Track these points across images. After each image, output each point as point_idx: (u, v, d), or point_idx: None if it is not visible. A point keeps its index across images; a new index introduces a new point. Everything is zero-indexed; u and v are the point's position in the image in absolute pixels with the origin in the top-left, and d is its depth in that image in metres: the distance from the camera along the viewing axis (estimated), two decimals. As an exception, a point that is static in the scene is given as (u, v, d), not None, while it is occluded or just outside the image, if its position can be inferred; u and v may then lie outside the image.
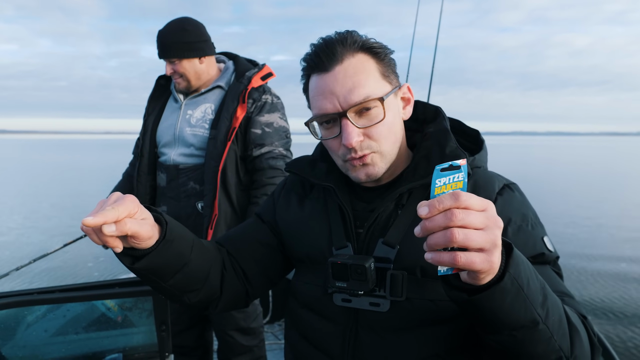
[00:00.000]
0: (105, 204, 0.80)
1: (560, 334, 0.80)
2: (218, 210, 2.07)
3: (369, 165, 0.99)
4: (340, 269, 0.94)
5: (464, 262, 0.66)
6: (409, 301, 0.94)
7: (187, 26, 2.10)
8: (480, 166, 1.05)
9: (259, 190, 2.12)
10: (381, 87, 0.97)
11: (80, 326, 1.10)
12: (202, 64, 2.14)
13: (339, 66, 0.95)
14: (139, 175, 2.25)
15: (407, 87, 1.05)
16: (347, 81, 0.94)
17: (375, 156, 0.99)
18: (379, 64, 0.98)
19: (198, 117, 2.15)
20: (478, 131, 1.11)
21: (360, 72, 0.95)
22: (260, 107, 2.12)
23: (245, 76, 2.14)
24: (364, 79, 0.95)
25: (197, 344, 2.34)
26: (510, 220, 0.96)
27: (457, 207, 0.67)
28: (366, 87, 0.95)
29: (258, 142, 2.11)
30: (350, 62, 0.95)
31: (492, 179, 1.02)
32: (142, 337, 1.10)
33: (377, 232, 1.00)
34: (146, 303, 1.05)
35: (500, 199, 0.98)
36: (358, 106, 0.94)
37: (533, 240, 0.96)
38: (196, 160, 2.14)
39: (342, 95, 0.94)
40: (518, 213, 0.98)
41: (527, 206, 1.02)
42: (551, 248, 0.98)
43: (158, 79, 2.32)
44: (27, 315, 1.07)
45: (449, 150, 1.00)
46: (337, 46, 0.95)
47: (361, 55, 0.97)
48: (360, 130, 0.96)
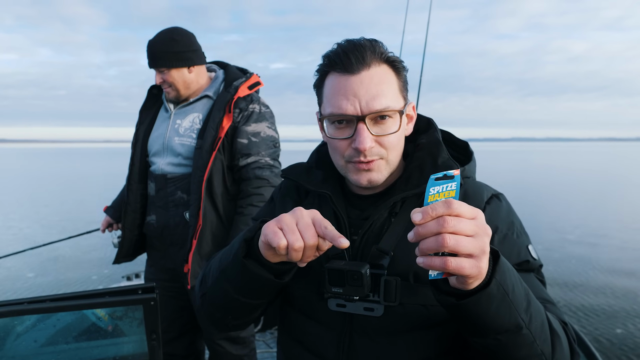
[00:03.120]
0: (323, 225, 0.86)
1: (542, 338, 0.84)
2: (203, 221, 2.07)
3: (373, 172, 1.01)
4: (337, 274, 0.96)
5: (454, 267, 0.70)
6: (402, 306, 0.96)
7: (176, 36, 2.11)
8: (469, 176, 1.08)
9: (244, 200, 2.12)
10: (399, 101, 1.01)
11: (70, 336, 1.10)
12: (191, 73, 2.16)
13: (366, 71, 0.97)
14: (130, 184, 2.26)
15: (412, 106, 1.08)
16: (372, 88, 0.97)
17: (382, 163, 1.02)
18: (399, 78, 1.02)
19: (186, 127, 2.16)
20: (467, 143, 1.15)
21: (385, 82, 0.98)
22: (247, 116, 2.14)
23: (233, 86, 2.15)
24: (387, 89, 0.98)
25: (188, 352, 2.34)
26: (497, 229, 0.99)
27: (449, 214, 0.70)
28: (388, 97, 0.98)
29: (244, 152, 2.12)
30: (376, 70, 0.98)
31: (481, 189, 1.06)
32: (133, 346, 1.10)
33: (372, 239, 1.02)
34: (136, 312, 1.06)
35: (489, 208, 1.01)
36: (377, 113, 0.97)
37: (518, 248, 1.00)
38: (184, 170, 2.15)
39: (364, 100, 0.96)
40: (505, 222, 1.01)
41: (513, 215, 1.05)
42: (535, 256, 1.02)
43: (150, 88, 2.33)
44: (17, 326, 1.07)
45: (441, 161, 1.04)
46: (368, 51, 0.97)
47: (385, 66, 1.00)
48: (373, 137, 0.98)
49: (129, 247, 2.31)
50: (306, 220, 0.86)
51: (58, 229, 10.82)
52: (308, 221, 0.86)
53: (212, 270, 1.06)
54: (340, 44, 1.01)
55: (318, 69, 1.05)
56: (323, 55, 1.03)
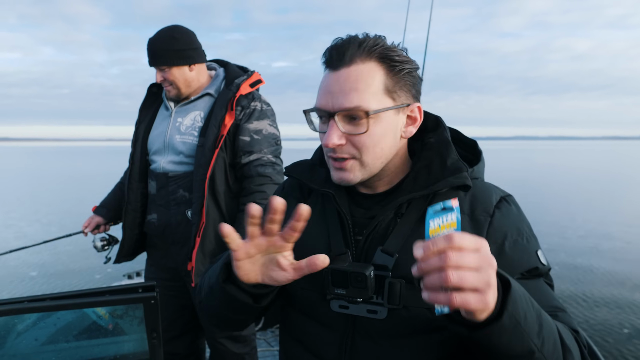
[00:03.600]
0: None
1: (555, 357, 0.83)
2: (206, 219, 2.07)
3: (345, 171, 1.00)
4: (340, 276, 0.94)
5: (459, 303, 0.69)
6: (406, 309, 0.95)
7: (176, 34, 2.11)
8: (477, 177, 1.06)
9: (247, 198, 2.12)
10: (377, 101, 0.96)
11: (71, 334, 1.10)
12: (192, 71, 2.15)
13: (345, 68, 0.95)
14: (130, 183, 2.26)
15: (417, 108, 1.03)
16: (346, 85, 0.95)
17: (354, 163, 0.99)
18: (388, 77, 0.97)
19: (187, 125, 2.16)
20: (475, 141, 1.12)
21: (362, 80, 0.95)
22: (249, 114, 2.13)
23: (234, 83, 2.15)
24: (363, 88, 0.95)
25: (189, 351, 2.34)
26: (507, 236, 0.97)
27: (451, 248, 0.68)
28: (360, 97, 0.94)
29: (247, 150, 2.12)
30: (357, 67, 0.95)
31: (490, 191, 1.03)
32: (134, 345, 1.10)
33: (376, 240, 1.00)
34: (137, 310, 1.05)
35: (498, 213, 0.99)
36: (347, 112, 0.95)
37: (528, 254, 0.98)
38: (186, 168, 2.14)
39: (336, 97, 0.95)
40: (514, 227, 0.99)
41: (523, 219, 1.03)
42: (544, 261, 1.00)
43: (150, 86, 2.33)
44: (17, 324, 1.07)
45: (450, 162, 1.01)
46: (350, 49, 0.95)
47: (372, 63, 0.96)
48: (342, 134, 0.97)
49: (130, 246, 2.31)
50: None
51: (60, 227, 10.84)
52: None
53: (204, 283, 1.07)
54: (335, 39, 0.99)
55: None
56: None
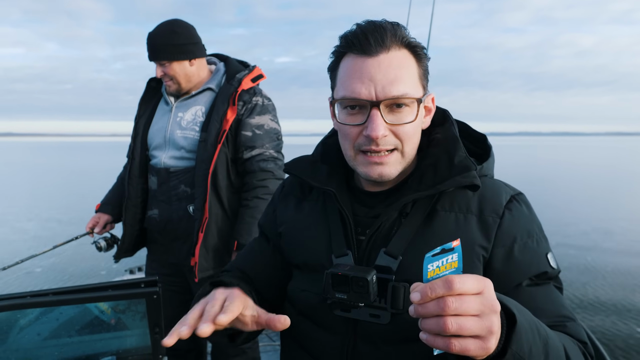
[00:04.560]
0: (213, 308, 0.85)
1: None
2: (209, 213, 2.07)
3: (385, 165, 0.95)
4: (341, 280, 0.91)
5: (458, 350, 0.65)
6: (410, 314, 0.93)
7: (176, 28, 2.10)
8: (486, 175, 1.01)
9: (249, 193, 2.12)
10: (418, 89, 0.94)
11: (73, 329, 1.10)
12: (192, 66, 2.14)
13: (384, 54, 0.90)
14: (130, 178, 2.25)
15: (431, 98, 1.01)
16: (390, 72, 0.90)
17: (396, 156, 0.95)
18: (419, 66, 0.95)
19: (189, 120, 2.15)
20: (485, 136, 1.07)
21: (404, 67, 0.92)
22: (250, 109, 2.13)
23: (236, 78, 2.14)
24: (406, 75, 0.91)
25: (191, 346, 2.34)
26: (516, 239, 0.94)
27: (450, 294, 0.64)
28: (407, 84, 0.91)
29: (249, 145, 2.11)
30: (396, 54, 0.91)
31: (500, 190, 0.98)
32: (136, 340, 1.10)
33: (380, 241, 0.96)
34: (139, 305, 1.05)
35: (508, 215, 0.95)
36: (394, 100, 0.90)
37: (537, 258, 0.94)
38: (187, 163, 2.14)
39: (381, 85, 0.89)
40: (524, 229, 0.95)
41: (533, 220, 0.98)
42: (554, 264, 0.96)
43: (149, 81, 2.32)
44: (20, 319, 1.07)
45: (457, 160, 0.96)
46: (389, 33, 0.91)
47: (406, 51, 0.93)
48: (387, 125, 0.92)
49: (130, 242, 2.31)
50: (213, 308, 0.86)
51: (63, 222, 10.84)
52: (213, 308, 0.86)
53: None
54: (360, 24, 0.93)
55: (334, 51, 0.97)
56: (340, 35, 0.96)
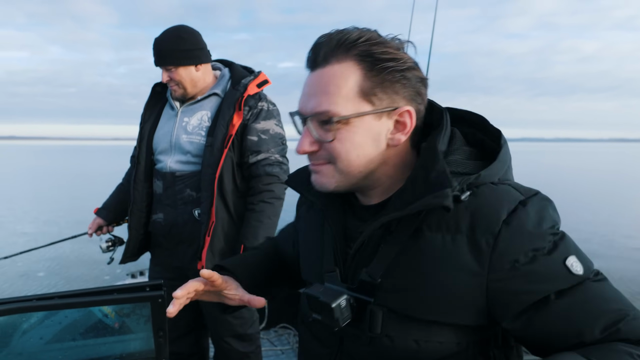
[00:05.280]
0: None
1: None
2: (215, 218, 2.08)
3: (318, 174, 0.92)
4: (313, 301, 0.90)
5: None
6: (389, 338, 0.88)
7: (183, 34, 2.11)
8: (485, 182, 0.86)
9: (255, 197, 2.13)
10: (351, 105, 0.85)
11: (77, 333, 1.09)
12: (198, 71, 2.16)
13: (320, 69, 0.87)
14: (136, 183, 2.26)
15: (407, 112, 0.88)
16: (317, 88, 0.87)
17: (329, 168, 0.90)
18: (366, 78, 0.85)
19: (194, 125, 2.16)
20: (499, 132, 0.94)
21: (335, 81, 0.85)
22: (256, 114, 2.14)
23: (241, 83, 2.15)
24: (334, 90, 0.85)
25: (193, 350, 2.34)
26: (518, 258, 0.80)
27: None
28: (330, 100, 0.85)
29: (254, 149, 2.12)
30: (332, 67, 0.86)
31: (500, 201, 0.83)
32: (140, 344, 1.10)
33: (365, 258, 0.92)
34: (144, 309, 1.05)
35: (505, 232, 0.80)
36: (316, 116, 0.87)
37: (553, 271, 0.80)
38: (193, 168, 2.14)
39: (309, 100, 0.88)
40: (529, 243, 0.80)
41: (544, 222, 0.82)
42: (579, 270, 0.80)
43: (154, 86, 2.33)
44: (23, 322, 1.07)
45: (433, 176, 0.84)
46: (325, 47, 0.86)
47: (349, 63, 0.85)
48: (314, 141, 0.89)
49: (135, 246, 2.31)
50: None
51: (65, 225, 10.87)
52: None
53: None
54: (320, 36, 0.90)
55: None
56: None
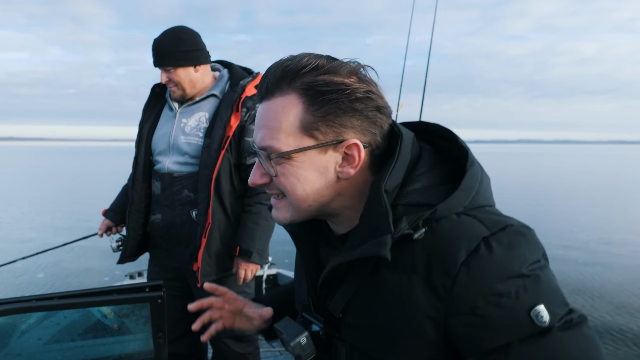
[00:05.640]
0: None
1: None
2: (212, 219, 2.08)
3: (275, 209, 0.91)
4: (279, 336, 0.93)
5: None
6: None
7: (182, 35, 2.12)
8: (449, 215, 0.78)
9: (252, 199, 2.14)
10: (292, 140, 0.82)
11: (76, 333, 1.10)
12: (197, 72, 2.16)
13: (266, 102, 0.85)
14: (134, 183, 2.26)
15: (355, 146, 0.82)
16: (262, 121, 0.85)
17: (283, 202, 0.89)
18: (308, 112, 0.81)
19: (192, 126, 2.17)
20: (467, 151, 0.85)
21: (276, 116, 0.83)
22: (254, 115, 2.14)
23: (240, 85, 2.15)
24: (275, 125, 0.83)
25: (192, 351, 2.34)
26: (477, 304, 0.72)
27: None
28: (272, 135, 0.83)
29: (252, 151, 2.12)
30: (275, 101, 0.83)
31: (459, 240, 0.74)
32: (139, 344, 1.10)
33: (330, 292, 0.90)
34: (143, 310, 1.05)
35: (464, 275, 0.72)
36: (260, 149, 0.86)
37: (515, 320, 0.71)
38: (190, 169, 2.15)
39: (256, 132, 0.87)
40: (492, 286, 0.72)
41: (513, 262, 0.72)
42: (545, 319, 0.71)
43: (153, 87, 2.34)
44: (22, 323, 1.07)
45: (374, 219, 0.79)
46: (270, 79, 0.84)
47: (291, 96, 0.82)
48: (264, 172, 0.88)
49: (133, 247, 2.31)
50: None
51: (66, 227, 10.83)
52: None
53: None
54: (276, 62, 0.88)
55: None
56: None
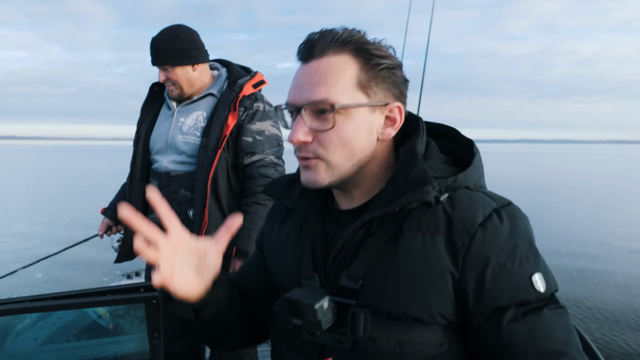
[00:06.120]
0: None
1: None
2: (208, 219, 2.07)
3: (309, 171, 0.91)
4: (294, 306, 0.89)
5: None
6: (372, 341, 0.87)
7: (180, 34, 2.10)
8: (462, 187, 0.90)
9: (249, 199, 2.12)
10: (349, 96, 0.88)
11: (71, 334, 1.09)
12: (195, 71, 2.15)
13: (315, 61, 0.89)
14: (132, 182, 2.25)
15: (397, 108, 0.92)
16: (314, 77, 0.88)
17: (320, 164, 0.90)
18: (363, 71, 0.89)
19: (190, 125, 2.16)
20: (472, 141, 0.99)
21: (333, 72, 0.88)
22: (251, 115, 2.13)
23: (237, 84, 2.14)
24: (333, 80, 0.87)
25: (189, 351, 2.33)
26: (489, 262, 0.83)
27: None
28: (329, 89, 0.87)
29: (249, 150, 2.11)
30: (328, 60, 0.88)
31: (476, 205, 0.87)
32: (134, 345, 1.09)
33: (345, 262, 0.92)
34: (138, 310, 1.05)
35: (480, 235, 0.83)
36: (314, 105, 0.88)
37: (517, 282, 0.82)
38: (188, 168, 2.14)
39: (303, 90, 0.89)
40: (502, 249, 0.83)
41: (519, 235, 0.85)
42: (542, 287, 0.83)
43: (152, 86, 2.32)
44: (17, 324, 1.06)
45: (413, 175, 0.87)
46: (322, 41, 0.89)
47: (346, 56, 0.89)
48: (309, 130, 0.89)
49: (131, 246, 2.30)
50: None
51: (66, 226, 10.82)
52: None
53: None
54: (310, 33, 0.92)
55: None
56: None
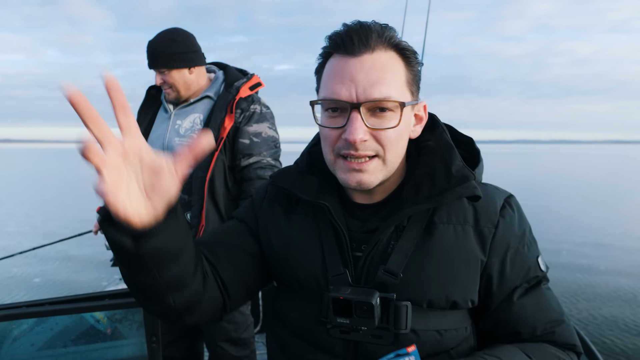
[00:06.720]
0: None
1: None
2: (205, 221, 2.06)
3: (364, 173, 0.88)
4: (343, 305, 0.87)
5: None
6: (414, 333, 0.89)
7: (176, 37, 2.10)
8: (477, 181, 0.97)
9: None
10: (404, 93, 0.89)
11: (68, 339, 1.08)
12: (191, 74, 2.14)
13: (368, 54, 0.86)
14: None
15: (423, 106, 0.96)
16: (373, 73, 0.85)
17: (377, 163, 0.89)
18: (408, 70, 0.90)
19: (187, 127, 2.15)
20: (472, 139, 1.02)
21: (389, 69, 0.86)
22: (248, 117, 2.13)
23: (234, 86, 2.14)
24: (391, 77, 0.86)
25: (188, 355, 2.32)
26: (509, 246, 0.93)
27: None
28: (391, 87, 0.86)
29: (246, 152, 2.11)
30: (381, 55, 0.86)
31: (493, 197, 0.96)
32: (132, 349, 1.09)
33: (377, 258, 0.91)
34: (136, 314, 1.04)
35: (502, 223, 0.93)
36: (375, 103, 0.85)
37: (528, 263, 0.95)
38: None
39: (362, 86, 0.84)
40: (517, 235, 0.95)
41: (524, 222, 0.97)
42: (543, 267, 0.97)
43: (149, 89, 2.32)
44: (14, 329, 1.06)
45: (455, 170, 0.91)
46: (374, 34, 0.86)
47: (393, 53, 0.88)
48: (367, 129, 0.86)
49: None
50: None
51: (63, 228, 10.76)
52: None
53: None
54: (347, 24, 0.89)
55: (321, 52, 0.93)
56: (327, 36, 0.91)
